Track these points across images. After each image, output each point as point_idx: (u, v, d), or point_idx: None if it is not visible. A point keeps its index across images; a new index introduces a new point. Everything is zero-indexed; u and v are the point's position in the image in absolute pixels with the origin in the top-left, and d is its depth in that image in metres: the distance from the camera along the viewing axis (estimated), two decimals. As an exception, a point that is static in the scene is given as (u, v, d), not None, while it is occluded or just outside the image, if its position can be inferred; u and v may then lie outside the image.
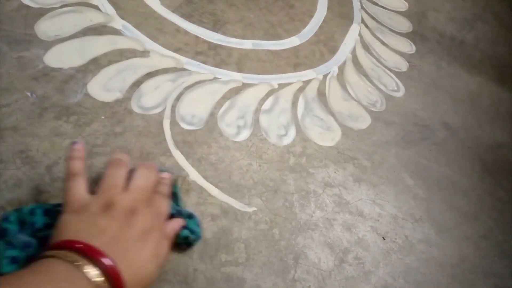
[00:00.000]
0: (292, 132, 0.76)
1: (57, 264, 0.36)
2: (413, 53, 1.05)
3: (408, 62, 1.01)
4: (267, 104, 0.78)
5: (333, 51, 0.95)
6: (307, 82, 0.85)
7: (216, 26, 0.87)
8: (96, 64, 0.71)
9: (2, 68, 0.65)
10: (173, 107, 0.71)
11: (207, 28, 0.86)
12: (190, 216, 0.55)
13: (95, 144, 0.62)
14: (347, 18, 1.05)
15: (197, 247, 0.57)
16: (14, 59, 0.67)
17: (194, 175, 0.64)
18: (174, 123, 0.69)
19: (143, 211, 0.46)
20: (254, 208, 0.63)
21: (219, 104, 0.74)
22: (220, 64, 0.81)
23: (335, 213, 0.67)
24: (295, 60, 0.88)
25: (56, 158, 0.58)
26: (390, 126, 0.85)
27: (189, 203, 0.61)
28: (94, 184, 0.48)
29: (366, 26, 1.06)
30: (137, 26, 0.80)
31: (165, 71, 0.75)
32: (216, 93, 0.76)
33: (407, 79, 0.97)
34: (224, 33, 0.87)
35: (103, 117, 0.65)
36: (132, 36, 0.78)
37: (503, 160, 0.89)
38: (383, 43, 1.04)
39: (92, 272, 0.36)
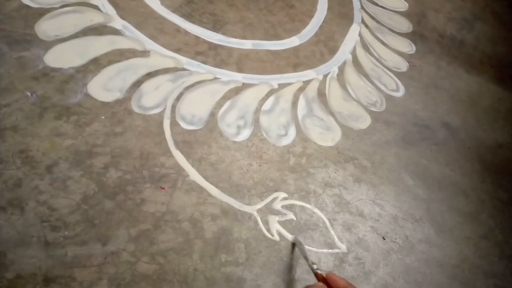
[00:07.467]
0: (292, 132, 0.75)
1: None
2: (413, 53, 1.05)
3: (408, 62, 1.01)
4: (267, 104, 0.78)
5: (333, 51, 0.95)
6: (307, 82, 0.85)
7: (216, 26, 0.87)
8: (96, 64, 0.71)
9: (2, 68, 0.65)
10: (173, 107, 0.71)
11: (207, 28, 0.86)
12: None
13: (95, 144, 0.62)
14: (347, 18, 1.05)
15: (197, 247, 0.57)
16: (14, 59, 0.67)
17: (194, 175, 0.64)
18: (174, 123, 0.69)
19: None
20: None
21: (219, 104, 0.74)
22: (220, 64, 0.81)
23: (335, 213, 0.67)
24: (295, 60, 0.88)
25: (56, 158, 0.58)
26: (390, 126, 0.85)
27: (189, 203, 0.61)
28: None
29: (366, 26, 1.06)
30: (137, 26, 0.80)
31: (165, 71, 0.75)
32: (216, 93, 0.76)
33: (407, 79, 0.97)
34: (224, 33, 0.87)
35: (103, 117, 0.65)
36: (132, 36, 0.78)
37: (503, 160, 0.89)
38: (383, 43, 1.04)
39: None
